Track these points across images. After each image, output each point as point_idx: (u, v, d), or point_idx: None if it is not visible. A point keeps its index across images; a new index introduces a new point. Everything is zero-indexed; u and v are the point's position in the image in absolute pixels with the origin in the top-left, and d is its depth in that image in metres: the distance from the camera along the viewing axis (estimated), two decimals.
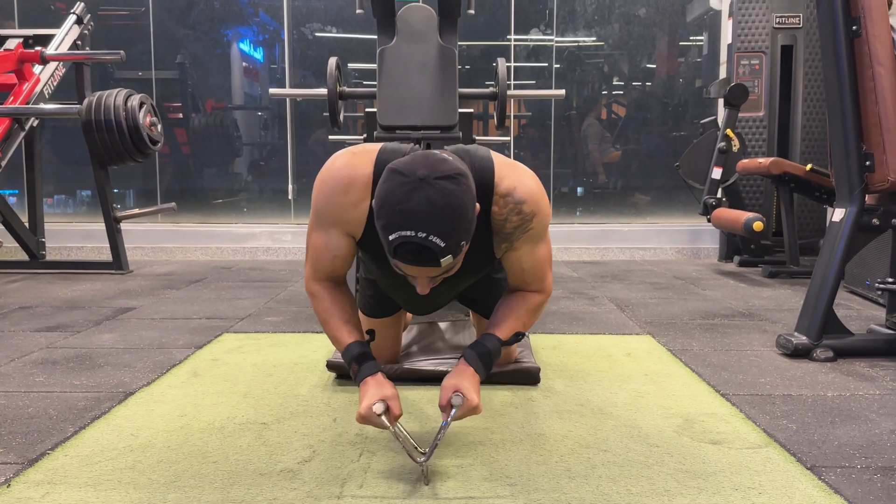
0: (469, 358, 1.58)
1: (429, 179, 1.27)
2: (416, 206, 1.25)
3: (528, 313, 1.68)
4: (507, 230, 1.57)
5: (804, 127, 4.78)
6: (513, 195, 1.54)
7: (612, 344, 2.61)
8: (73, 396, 1.98)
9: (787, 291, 3.73)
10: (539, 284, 1.70)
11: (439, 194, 1.26)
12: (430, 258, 1.28)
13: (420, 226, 1.25)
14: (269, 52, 5.94)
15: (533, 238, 1.61)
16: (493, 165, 1.56)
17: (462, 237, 1.30)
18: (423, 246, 1.26)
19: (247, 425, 1.75)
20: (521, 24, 5.58)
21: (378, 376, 1.53)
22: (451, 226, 1.27)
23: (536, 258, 1.65)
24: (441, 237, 1.26)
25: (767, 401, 1.94)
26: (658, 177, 5.70)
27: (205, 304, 3.37)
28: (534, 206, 1.56)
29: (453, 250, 1.29)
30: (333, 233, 1.61)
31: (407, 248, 1.27)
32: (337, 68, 3.22)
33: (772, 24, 4.77)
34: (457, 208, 1.28)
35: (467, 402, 1.49)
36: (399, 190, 1.27)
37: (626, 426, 1.75)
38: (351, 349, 1.57)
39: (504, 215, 1.55)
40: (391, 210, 1.27)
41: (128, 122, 4.02)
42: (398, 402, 1.49)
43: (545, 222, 1.61)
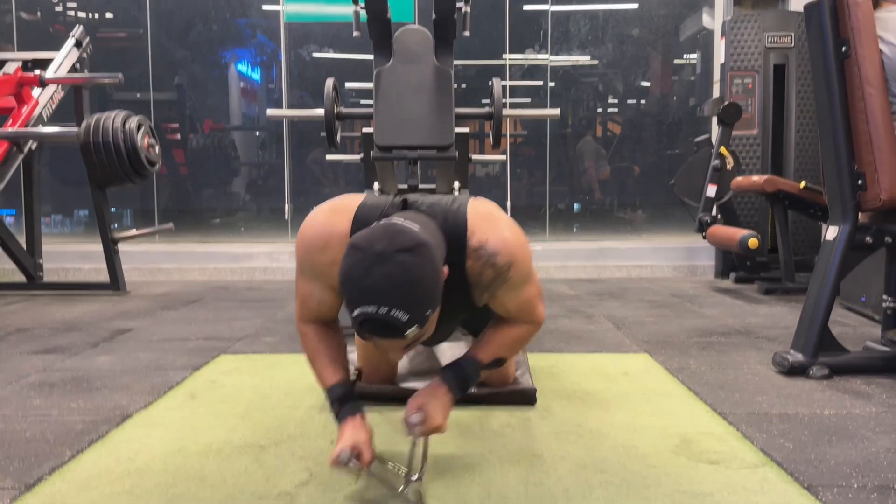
0: (444, 376, 1.57)
1: (386, 254, 1.25)
2: (375, 281, 1.24)
3: (515, 342, 1.68)
4: (483, 283, 1.55)
5: (797, 144, 4.81)
6: (485, 248, 1.51)
7: (609, 363, 2.61)
8: (70, 420, 1.97)
9: (784, 308, 3.74)
10: (528, 318, 1.68)
11: (398, 268, 1.24)
12: (394, 332, 1.26)
13: (380, 301, 1.23)
14: (266, 73, 5.99)
15: (516, 285, 1.58)
16: (465, 220, 1.53)
17: (426, 307, 1.28)
18: (386, 321, 1.24)
19: (244, 448, 1.75)
20: (515, 44, 5.63)
21: (356, 419, 1.51)
22: (411, 299, 1.25)
23: (521, 300, 1.63)
24: (403, 310, 1.24)
25: (764, 419, 1.95)
26: (653, 194, 5.73)
27: (202, 324, 3.36)
28: (508, 256, 1.52)
29: (418, 321, 1.26)
30: (317, 285, 1.61)
31: (370, 324, 1.26)
32: (334, 89, 3.24)
33: (764, 44, 4.81)
34: (416, 281, 1.26)
35: (429, 421, 1.48)
36: (358, 266, 1.26)
37: (623, 446, 1.75)
38: (334, 390, 1.56)
39: (478, 269, 1.52)
40: (352, 286, 1.26)
41: (126, 144, 4.03)
42: (370, 448, 1.46)
43: (524, 270, 1.57)
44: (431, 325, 1.35)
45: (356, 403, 1.55)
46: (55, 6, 5.75)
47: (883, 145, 2.27)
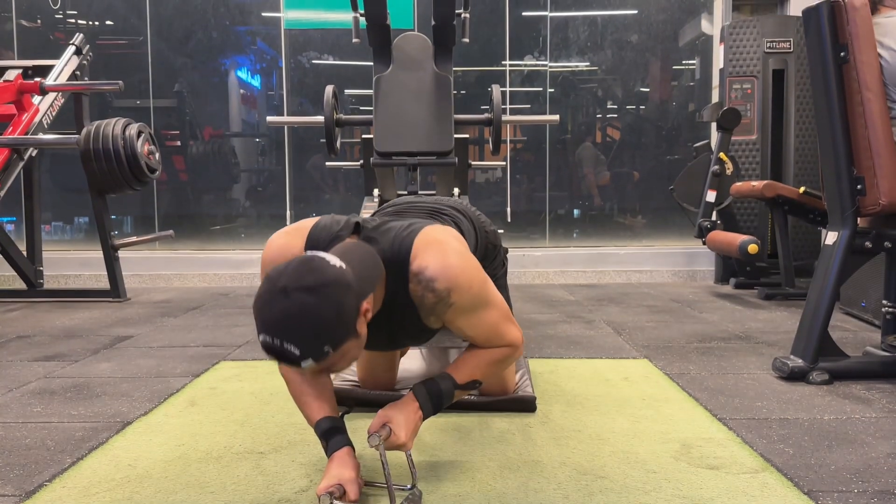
0: (418, 393, 1.56)
1: (288, 290, 1.30)
2: (273, 315, 1.30)
3: (492, 365, 1.66)
4: (426, 307, 1.56)
5: (797, 149, 4.82)
6: (423, 273, 1.53)
7: (609, 368, 2.61)
8: (70, 427, 1.97)
9: (784, 313, 3.74)
10: (499, 343, 1.66)
11: (294, 306, 1.29)
12: (290, 361, 1.31)
13: (275, 333, 1.29)
14: (266, 80, 5.99)
15: (464, 310, 1.57)
16: (411, 245, 1.56)
17: (321, 344, 1.31)
18: (281, 352, 1.30)
19: (244, 454, 1.75)
20: (515, 50, 5.64)
21: (342, 454, 1.50)
22: (303, 335, 1.29)
23: (483, 326, 1.62)
24: (295, 345, 1.29)
25: (764, 425, 1.95)
26: (653, 200, 5.74)
27: (202, 331, 3.37)
28: (447, 282, 1.52)
29: (313, 355, 1.30)
30: None
31: (270, 352, 1.32)
32: (334, 96, 3.26)
33: (763, 49, 4.82)
34: (311, 319, 1.29)
35: (393, 437, 1.46)
36: (263, 297, 1.33)
37: (623, 452, 1.75)
38: (320, 424, 1.55)
39: (419, 293, 1.54)
40: (257, 314, 1.33)
41: (126, 151, 4.04)
42: (355, 487, 1.44)
43: (469, 296, 1.57)
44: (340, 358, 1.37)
45: (343, 437, 1.53)
46: (55, 14, 5.77)
47: (882, 150, 2.27)
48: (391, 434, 1.46)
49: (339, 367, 1.43)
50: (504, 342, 1.66)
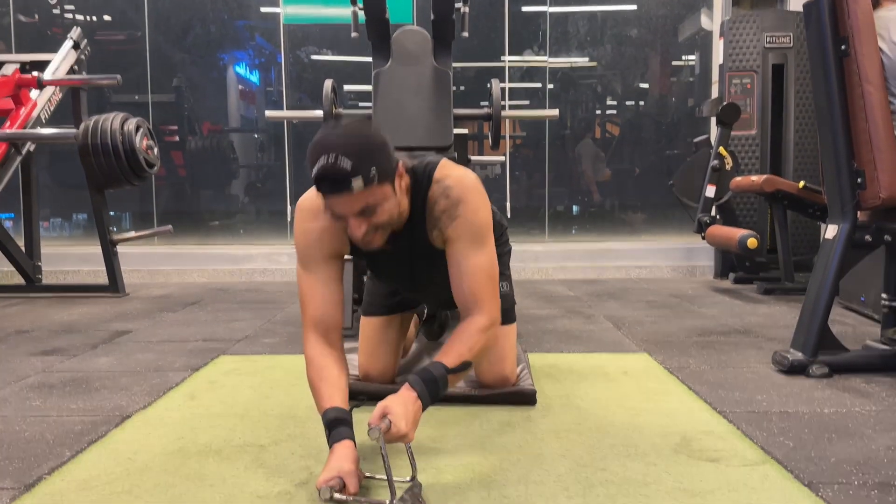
0: (414, 383, 1.57)
1: (340, 124, 1.53)
2: (328, 136, 1.50)
3: (472, 337, 1.68)
4: (436, 213, 1.73)
5: (796, 144, 4.82)
6: (444, 181, 1.73)
7: (609, 362, 2.61)
8: (69, 420, 1.97)
9: (783, 308, 3.74)
10: (476, 301, 1.71)
11: (348, 129, 1.52)
12: (341, 177, 1.47)
13: (331, 150, 1.47)
14: (265, 75, 5.99)
15: (464, 232, 1.71)
16: (437, 164, 1.76)
17: (370, 163, 1.49)
18: (334, 165, 1.46)
19: (244, 448, 1.75)
20: (514, 46, 5.64)
21: (343, 445, 1.50)
22: (357, 149, 1.48)
23: (472, 263, 1.72)
24: (348, 157, 1.46)
25: (764, 418, 1.95)
26: (652, 195, 5.74)
27: (201, 326, 3.36)
28: (460, 192, 1.71)
29: (363, 172, 1.48)
30: (320, 267, 1.73)
31: (323, 173, 1.47)
32: (333, 90, 3.25)
33: (762, 44, 4.82)
34: (363, 137, 1.52)
35: (394, 428, 1.46)
36: (318, 135, 1.53)
37: (623, 445, 1.75)
38: (327, 414, 1.57)
39: (435, 198, 1.72)
40: (312, 148, 1.50)
41: (124, 146, 4.03)
42: (355, 480, 1.43)
43: (475, 218, 1.72)
44: (380, 199, 1.55)
45: (346, 430, 1.54)
46: (53, 8, 5.75)
47: (882, 144, 2.27)
48: (391, 426, 1.46)
49: (379, 214, 1.57)
50: (482, 302, 1.71)
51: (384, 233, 1.64)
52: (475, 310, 1.71)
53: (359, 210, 1.54)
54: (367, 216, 1.56)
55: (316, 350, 1.69)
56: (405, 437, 1.48)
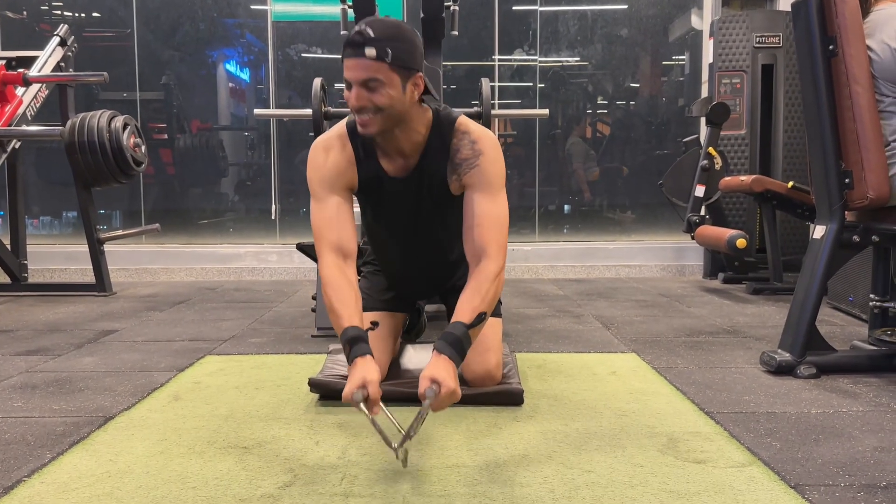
0: (441, 348, 1.66)
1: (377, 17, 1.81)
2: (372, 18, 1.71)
3: (482, 285, 1.77)
4: (457, 160, 1.89)
5: (785, 144, 4.83)
6: (469, 133, 1.90)
7: (597, 362, 2.60)
8: (51, 421, 1.94)
9: (772, 308, 3.75)
10: (486, 245, 1.82)
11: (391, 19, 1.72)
12: (360, 42, 1.67)
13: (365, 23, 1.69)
14: (254, 73, 5.95)
15: (480, 180, 1.86)
16: (460, 115, 1.94)
17: (391, 43, 1.67)
18: (359, 32, 1.67)
19: (228, 449, 1.73)
20: (504, 45, 5.63)
21: (366, 359, 1.64)
22: (386, 29, 1.68)
23: (485, 209, 1.84)
24: (374, 30, 1.67)
25: (752, 418, 1.94)
26: (642, 195, 5.74)
27: (188, 325, 3.34)
28: (483, 146, 1.89)
29: (378, 46, 1.66)
30: (331, 198, 1.89)
31: (348, 38, 1.69)
32: (322, 88, 3.23)
33: (752, 44, 4.82)
34: (396, 25, 1.71)
35: (444, 388, 1.56)
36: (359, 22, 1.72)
37: (610, 446, 1.74)
38: (347, 331, 1.70)
39: (458, 146, 1.89)
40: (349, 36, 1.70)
41: (111, 144, 4.00)
42: (377, 387, 1.57)
43: (492, 169, 1.88)
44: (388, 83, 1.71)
45: (366, 345, 1.68)
46: (41, 5, 5.70)
47: (870, 144, 2.27)
48: (441, 387, 1.55)
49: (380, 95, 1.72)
50: (491, 246, 1.82)
51: (380, 121, 1.77)
52: (483, 256, 1.82)
53: (363, 79, 1.69)
54: (369, 90, 1.71)
55: (333, 271, 1.81)
56: (455, 393, 1.59)
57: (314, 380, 2.12)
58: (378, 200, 2.03)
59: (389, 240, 2.17)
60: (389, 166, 1.95)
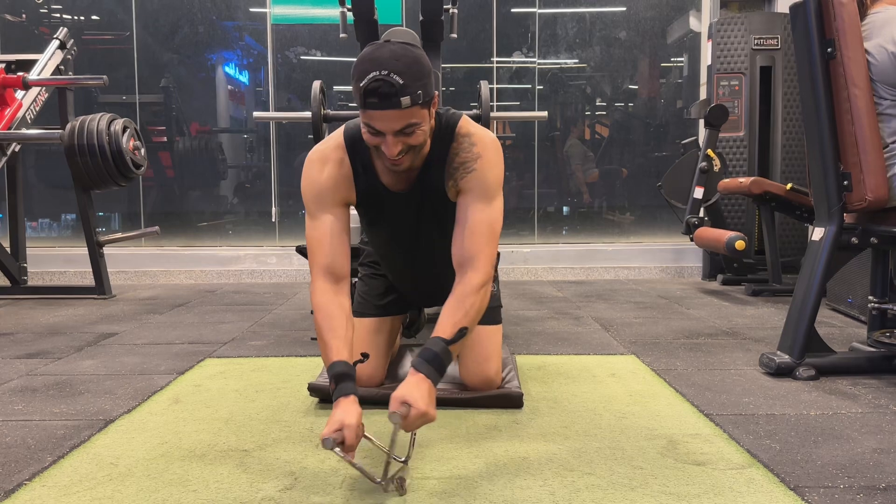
0: (418, 365, 1.59)
1: (392, 42, 1.60)
2: (381, 54, 1.57)
3: (466, 299, 1.69)
4: (454, 163, 1.81)
5: (784, 146, 4.83)
6: (468, 136, 1.82)
7: (596, 364, 2.60)
8: (52, 425, 1.95)
9: (771, 309, 3.75)
10: (474, 255, 1.74)
11: (399, 48, 1.59)
12: (392, 93, 1.54)
13: (383, 66, 1.55)
14: (253, 76, 5.95)
15: (477, 186, 1.78)
16: (461, 117, 1.85)
17: (419, 84, 1.57)
18: (386, 81, 1.53)
19: (228, 452, 1.73)
20: (503, 47, 5.63)
21: (348, 400, 1.54)
22: (409, 69, 1.56)
23: (478, 217, 1.77)
24: (400, 76, 1.54)
25: (751, 420, 1.94)
26: (641, 197, 5.74)
27: (188, 328, 3.34)
28: (481, 149, 1.80)
29: (411, 92, 1.56)
30: (326, 215, 1.80)
31: (373, 87, 1.54)
32: (321, 91, 3.23)
33: (750, 46, 4.83)
34: (414, 58, 1.59)
35: (414, 410, 1.49)
36: (368, 49, 1.60)
37: (610, 448, 1.74)
38: (334, 366, 1.61)
39: (457, 149, 1.81)
40: (362, 62, 1.58)
41: (111, 147, 4.00)
42: (353, 433, 1.47)
43: (489, 174, 1.79)
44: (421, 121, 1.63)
45: (351, 384, 1.58)
46: (40, 8, 5.71)
47: (868, 146, 2.27)
48: (411, 409, 1.49)
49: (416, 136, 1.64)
50: (479, 256, 1.74)
51: (412, 156, 1.71)
52: (469, 266, 1.74)
53: (400, 128, 1.61)
54: (405, 135, 1.63)
55: (325, 297, 1.73)
56: (426, 414, 1.51)
57: (314, 384, 2.12)
58: (378, 214, 1.95)
59: (391, 250, 2.11)
60: (389, 180, 1.85)
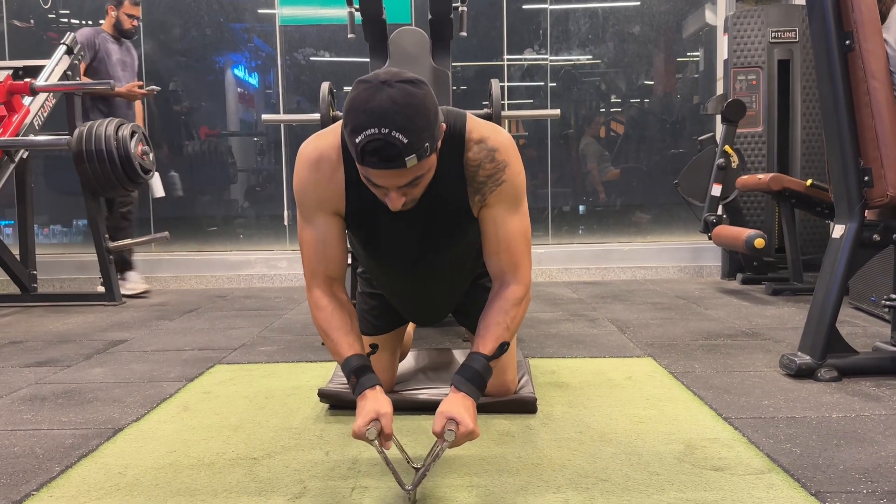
0: (459, 384, 1.57)
1: (390, 82, 1.36)
2: (379, 104, 1.34)
3: (507, 313, 1.65)
4: (479, 178, 1.63)
5: (803, 141, 4.79)
6: (486, 142, 1.63)
7: (612, 367, 2.59)
8: (60, 434, 1.96)
9: (791, 309, 3.72)
10: (513, 267, 1.67)
11: (401, 94, 1.35)
12: (395, 155, 1.35)
13: (383, 122, 1.33)
14: (263, 78, 5.98)
15: (507, 196, 1.65)
16: (465, 117, 1.65)
17: (425, 137, 1.37)
18: (387, 142, 1.33)
19: (237, 461, 1.73)
20: (514, 44, 5.62)
21: (376, 390, 1.55)
22: (413, 123, 1.34)
23: (511, 228, 1.67)
24: (403, 133, 1.33)
25: (771, 424, 1.93)
26: (658, 195, 5.71)
27: (198, 334, 3.35)
28: (506, 156, 1.64)
29: (417, 149, 1.36)
30: (319, 220, 1.67)
31: (372, 146, 1.34)
32: (330, 92, 3.23)
33: (768, 39, 4.79)
34: (418, 107, 1.36)
35: (462, 427, 1.48)
36: (363, 93, 1.36)
37: (626, 453, 1.73)
38: (350, 361, 1.60)
39: (478, 161, 1.62)
40: (356, 111, 1.36)
41: (119, 152, 4.03)
42: (390, 420, 1.49)
43: (517, 181, 1.66)
44: (427, 172, 1.47)
45: (374, 376, 1.58)
46: (48, 13, 5.76)
47: (889, 140, 2.25)
48: (461, 426, 1.48)
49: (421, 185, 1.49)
50: (517, 270, 1.67)
51: (417, 198, 1.56)
52: (511, 277, 1.68)
53: (405, 183, 1.45)
54: (410, 187, 1.48)
55: (323, 300, 1.69)
56: (473, 432, 1.49)
57: (324, 390, 2.12)
58: (372, 234, 1.76)
59: (388, 276, 1.96)
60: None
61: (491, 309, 1.67)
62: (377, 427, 1.47)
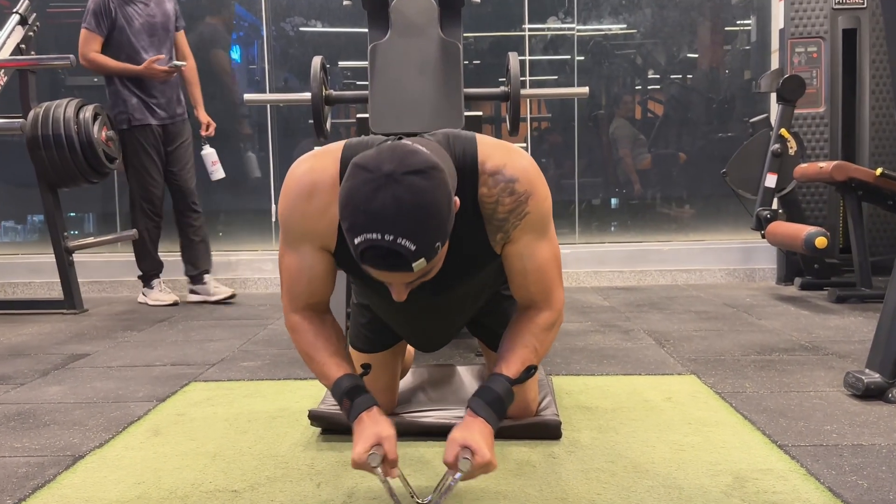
0: (477, 408, 1.58)
1: (396, 175, 1.30)
2: (383, 206, 1.29)
3: (537, 337, 1.67)
4: (499, 215, 1.60)
5: (873, 124, 4.78)
6: (502, 173, 1.57)
7: (649, 386, 2.59)
8: (12, 462, 1.97)
9: (859, 319, 3.71)
10: (545, 296, 1.69)
11: (407, 192, 1.29)
12: (401, 263, 1.31)
13: (387, 228, 1.28)
14: (246, 52, 6.00)
15: (532, 227, 1.63)
16: (475, 145, 1.60)
17: (436, 238, 1.33)
18: (392, 250, 1.29)
19: (215, 493, 1.74)
20: (536, 12, 5.62)
21: (373, 412, 1.56)
22: (421, 227, 1.30)
23: (539, 258, 1.67)
24: (411, 240, 1.29)
25: (834, 452, 1.92)
26: (702, 186, 5.71)
27: (170, 347, 3.37)
28: (527, 185, 1.59)
29: (426, 253, 1.32)
30: (305, 249, 1.66)
31: (374, 253, 1.31)
32: (322, 68, 3.25)
33: (830, 5, 4.78)
34: (427, 207, 1.31)
35: (478, 458, 1.49)
36: (364, 188, 1.31)
37: (664, 486, 1.73)
38: (341, 383, 1.61)
39: (495, 196, 1.58)
40: (355, 210, 1.31)
41: (80, 137, 4.05)
42: (394, 444, 1.51)
43: (544, 208, 1.64)
44: (437, 264, 1.42)
45: (369, 397, 1.59)
46: None
47: None
48: (477, 456, 1.49)
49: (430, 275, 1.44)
50: (550, 298, 1.70)
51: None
52: (546, 305, 1.71)
53: (411, 280, 1.42)
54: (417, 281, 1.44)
55: (303, 324, 1.70)
56: (490, 464, 1.51)
57: (315, 412, 2.13)
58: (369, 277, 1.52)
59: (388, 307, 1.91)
60: None
61: (518, 328, 1.68)
62: (380, 452, 1.48)
